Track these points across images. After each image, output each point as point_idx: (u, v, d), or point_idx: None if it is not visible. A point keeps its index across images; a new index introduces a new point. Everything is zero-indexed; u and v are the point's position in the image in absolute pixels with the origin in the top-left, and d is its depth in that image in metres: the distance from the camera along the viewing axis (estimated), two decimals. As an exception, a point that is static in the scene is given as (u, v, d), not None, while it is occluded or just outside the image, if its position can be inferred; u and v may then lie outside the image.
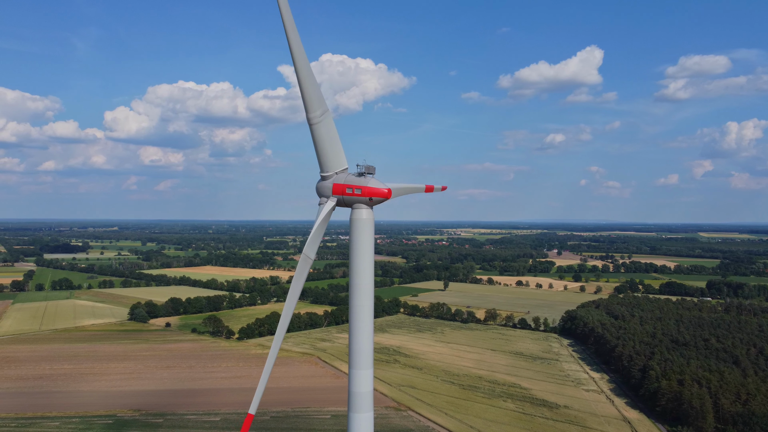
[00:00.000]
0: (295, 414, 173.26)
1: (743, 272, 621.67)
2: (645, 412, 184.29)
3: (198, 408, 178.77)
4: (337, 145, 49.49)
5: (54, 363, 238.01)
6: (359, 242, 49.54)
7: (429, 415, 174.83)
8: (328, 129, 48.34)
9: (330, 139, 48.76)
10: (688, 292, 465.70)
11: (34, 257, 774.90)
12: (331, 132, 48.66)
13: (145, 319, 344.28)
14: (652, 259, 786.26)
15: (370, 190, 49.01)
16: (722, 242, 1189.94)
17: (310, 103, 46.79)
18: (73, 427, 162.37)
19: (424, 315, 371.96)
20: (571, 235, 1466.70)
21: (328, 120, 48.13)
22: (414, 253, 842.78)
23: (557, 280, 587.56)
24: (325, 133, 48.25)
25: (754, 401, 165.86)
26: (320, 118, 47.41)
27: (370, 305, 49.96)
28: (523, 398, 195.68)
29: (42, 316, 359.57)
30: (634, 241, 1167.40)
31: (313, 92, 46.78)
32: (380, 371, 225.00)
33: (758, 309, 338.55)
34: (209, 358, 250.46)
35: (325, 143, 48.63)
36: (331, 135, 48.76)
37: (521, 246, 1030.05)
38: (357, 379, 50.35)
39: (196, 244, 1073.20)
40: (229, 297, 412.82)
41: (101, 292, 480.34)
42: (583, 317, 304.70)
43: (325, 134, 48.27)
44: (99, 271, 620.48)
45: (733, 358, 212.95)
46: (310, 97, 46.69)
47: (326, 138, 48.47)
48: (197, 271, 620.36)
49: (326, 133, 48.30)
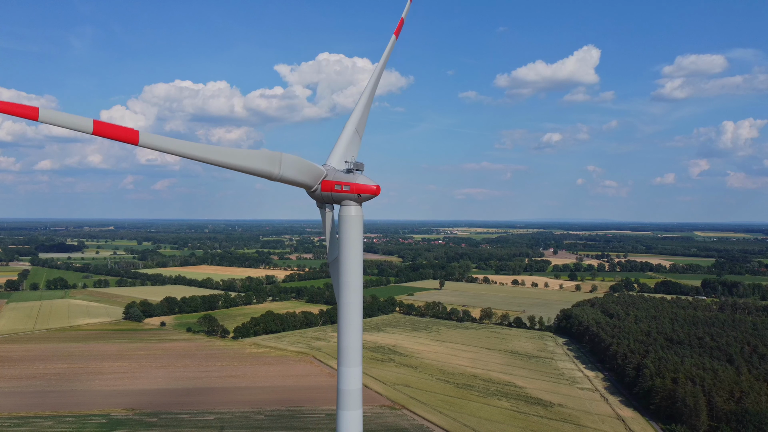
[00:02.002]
0: (289, 413, 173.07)
1: (738, 271, 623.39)
2: (639, 410, 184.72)
3: (192, 407, 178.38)
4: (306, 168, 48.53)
5: (48, 362, 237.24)
6: (348, 239, 49.47)
7: (424, 414, 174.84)
8: (292, 167, 46.91)
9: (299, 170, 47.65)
10: (683, 290, 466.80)
11: (29, 256, 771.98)
12: (296, 164, 47.40)
13: (140, 319, 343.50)
14: (647, 258, 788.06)
15: (359, 186, 49.03)
16: (718, 241, 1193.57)
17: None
18: (66, 426, 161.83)
19: (420, 314, 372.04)
20: (568, 234, 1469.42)
21: (287, 161, 46.52)
22: (410, 252, 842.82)
23: (553, 279, 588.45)
24: (293, 173, 47.14)
25: (747, 399, 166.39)
26: (280, 170, 45.96)
27: (358, 302, 49.85)
28: (518, 397, 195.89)
29: (36, 315, 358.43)
30: (629, 240, 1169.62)
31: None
32: (375, 370, 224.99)
33: (753, 308, 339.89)
34: (204, 357, 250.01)
35: (297, 178, 47.74)
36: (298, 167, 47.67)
37: (517, 245, 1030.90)
38: (346, 376, 50.20)
39: (192, 243, 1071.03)
40: (225, 296, 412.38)
41: (96, 291, 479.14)
42: (578, 316, 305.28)
43: (294, 173, 47.23)
44: (94, 271, 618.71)
45: (727, 356, 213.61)
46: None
47: (296, 174, 47.50)
48: (193, 271, 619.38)
49: (294, 172, 47.21)
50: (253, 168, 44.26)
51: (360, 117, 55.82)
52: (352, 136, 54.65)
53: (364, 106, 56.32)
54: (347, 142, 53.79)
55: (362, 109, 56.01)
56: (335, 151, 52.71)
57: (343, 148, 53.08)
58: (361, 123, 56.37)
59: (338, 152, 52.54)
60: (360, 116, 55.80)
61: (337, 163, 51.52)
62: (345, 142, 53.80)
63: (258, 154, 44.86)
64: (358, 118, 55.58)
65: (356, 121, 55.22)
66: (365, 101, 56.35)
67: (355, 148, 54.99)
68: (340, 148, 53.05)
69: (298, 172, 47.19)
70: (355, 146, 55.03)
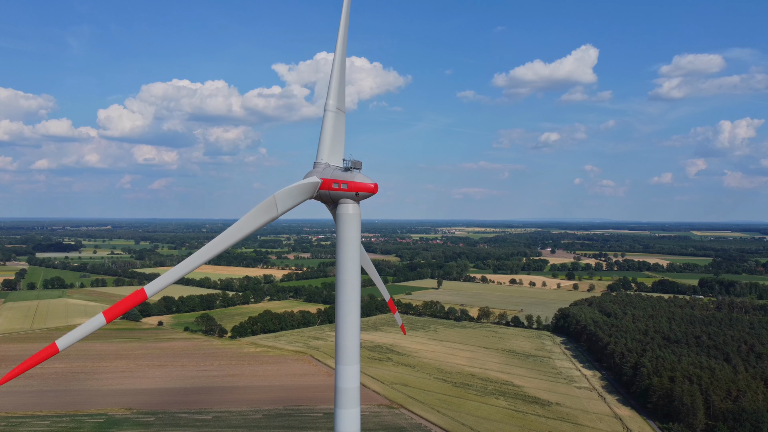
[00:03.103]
0: (287, 412, 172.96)
1: (735, 270, 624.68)
2: (636, 409, 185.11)
3: (190, 406, 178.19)
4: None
5: (45, 362, 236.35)
6: (345, 237, 49.39)
7: (422, 413, 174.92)
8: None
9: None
10: (680, 290, 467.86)
11: (26, 256, 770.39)
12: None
13: (138, 318, 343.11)
14: (645, 257, 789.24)
15: (357, 184, 48.97)
16: (715, 240, 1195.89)
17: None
18: (63, 426, 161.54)
19: (418, 313, 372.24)
20: (565, 233, 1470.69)
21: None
22: (408, 251, 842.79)
23: (550, 279, 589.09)
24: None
25: (744, 398, 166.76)
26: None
27: (356, 301, 49.78)
28: (515, 396, 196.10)
29: (33, 315, 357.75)
30: (627, 240, 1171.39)
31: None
32: (373, 369, 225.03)
33: (750, 307, 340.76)
34: (202, 356, 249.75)
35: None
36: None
37: (515, 244, 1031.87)
38: (343, 375, 50.10)
39: (189, 242, 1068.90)
40: (223, 296, 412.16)
41: (93, 290, 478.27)
42: (575, 315, 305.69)
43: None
44: (91, 270, 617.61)
45: (724, 355, 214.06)
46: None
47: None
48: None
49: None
50: (258, 225, 47.92)
51: (338, 92, 51.08)
52: (336, 118, 51.19)
53: (339, 79, 50.81)
54: (332, 128, 51.10)
55: (338, 83, 50.82)
56: (323, 143, 51.18)
57: (330, 136, 51.04)
58: (341, 98, 51.47)
59: (326, 143, 50.89)
60: (337, 92, 51.03)
61: (327, 156, 50.75)
62: (330, 128, 51.04)
63: (255, 212, 47.85)
64: (337, 94, 51.01)
65: (335, 97, 50.84)
66: (338, 73, 50.69)
67: (341, 129, 52.06)
68: (327, 137, 51.03)
69: (295, 198, 49.05)
70: (341, 128, 52.00)
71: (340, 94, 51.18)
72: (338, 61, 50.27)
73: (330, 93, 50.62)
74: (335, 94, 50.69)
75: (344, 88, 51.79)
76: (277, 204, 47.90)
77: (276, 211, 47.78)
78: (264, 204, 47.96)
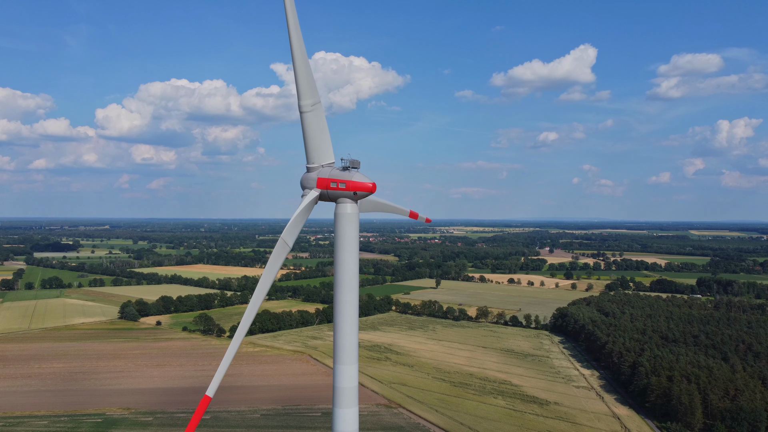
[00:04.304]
0: (285, 412, 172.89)
1: (733, 270, 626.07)
2: (635, 408, 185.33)
3: (188, 406, 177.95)
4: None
5: (43, 362, 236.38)
6: (343, 237, 49.41)
7: (420, 413, 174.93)
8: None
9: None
10: (678, 289, 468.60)
11: (24, 256, 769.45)
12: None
13: (136, 318, 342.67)
14: (643, 256, 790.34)
15: (355, 184, 48.95)
16: (713, 240, 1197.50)
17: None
18: (61, 426, 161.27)
19: (416, 313, 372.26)
20: (564, 233, 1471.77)
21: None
22: (406, 251, 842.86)
23: (549, 278, 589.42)
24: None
25: (742, 397, 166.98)
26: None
27: (354, 300, 49.81)
28: (513, 395, 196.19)
29: (31, 314, 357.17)
30: (625, 239, 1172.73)
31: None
32: (372, 369, 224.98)
33: (747, 306, 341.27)
34: (200, 356, 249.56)
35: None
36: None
37: (513, 244, 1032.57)
38: (342, 374, 50.15)
39: (188, 242, 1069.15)
40: (221, 295, 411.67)
41: (91, 290, 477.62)
42: (574, 314, 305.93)
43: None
44: (89, 270, 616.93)
45: (722, 354, 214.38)
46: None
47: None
48: (189, 270, 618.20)
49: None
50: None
51: (308, 88, 47.72)
52: (314, 117, 48.24)
53: (305, 74, 47.51)
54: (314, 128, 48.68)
55: (305, 79, 47.51)
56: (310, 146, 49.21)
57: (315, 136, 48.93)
58: (313, 92, 48.02)
59: (313, 145, 49.20)
60: (307, 87, 47.70)
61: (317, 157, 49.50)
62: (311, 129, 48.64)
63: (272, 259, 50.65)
64: (307, 90, 47.73)
65: (307, 95, 47.73)
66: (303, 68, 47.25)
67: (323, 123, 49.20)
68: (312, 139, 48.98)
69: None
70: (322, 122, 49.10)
71: (311, 89, 47.78)
72: (299, 57, 46.64)
73: (300, 93, 47.48)
74: (306, 91, 47.59)
75: (313, 80, 48.00)
76: (286, 241, 49.67)
77: (288, 247, 49.89)
78: (277, 248, 50.10)
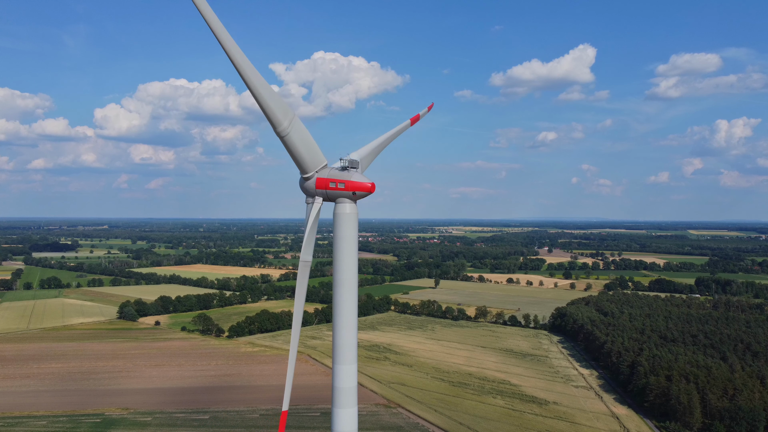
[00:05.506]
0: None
1: (732, 269, 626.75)
2: (633, 408, 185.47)
3: (187, 406, 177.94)
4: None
5: (42, 362, 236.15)
6: (343, 237, 49.40)
7: (419, 412, 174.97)
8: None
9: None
10: (677, 289, 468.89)
11: (22, 256, 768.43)
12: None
13: (135, 318, 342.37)
14: (641, 256, 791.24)
15: (354, 184, 48.95)
16: (711, 240, 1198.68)
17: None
18: (60, 426, 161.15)
19: (415, 312, 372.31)
20: (562, 233, 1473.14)
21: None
22: (405, 251, 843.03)
23: (548, 278, 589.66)
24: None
25: (740, 396, 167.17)
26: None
27: (353, 300, 49.81)
28: (512, 395, 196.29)
29: (30, 315, 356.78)
30: (624, 239, 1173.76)
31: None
32: (370, 368, 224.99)
33: (746, 305, 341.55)
34: (199, 356, 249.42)
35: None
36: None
37: (512, 244, 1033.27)
38: (341, 374, 50.16)
39: (186, 242, 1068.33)
40: (220, 295, 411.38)
41: (90, 290, 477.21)
42: (572, 314, 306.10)
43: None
44: (88, 270, 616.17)
45: (720, 353, 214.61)
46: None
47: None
48: (187, 270, 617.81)
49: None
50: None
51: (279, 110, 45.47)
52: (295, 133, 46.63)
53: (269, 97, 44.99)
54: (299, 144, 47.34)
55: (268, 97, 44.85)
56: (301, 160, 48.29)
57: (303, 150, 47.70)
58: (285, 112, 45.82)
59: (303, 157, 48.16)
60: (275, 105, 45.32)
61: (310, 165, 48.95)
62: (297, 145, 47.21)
63: (300, 281, 50.98)
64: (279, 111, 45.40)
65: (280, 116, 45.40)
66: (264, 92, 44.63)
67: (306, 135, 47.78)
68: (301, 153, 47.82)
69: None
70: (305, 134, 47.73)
71: (282, 110, 45.19)
72: (257, 85, 43.94)
73: (273, 120, 44.97)
74: (278, 115, 44.95)
75: (280, 100, 45.48)
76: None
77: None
78: (300, 270, 50.85)
